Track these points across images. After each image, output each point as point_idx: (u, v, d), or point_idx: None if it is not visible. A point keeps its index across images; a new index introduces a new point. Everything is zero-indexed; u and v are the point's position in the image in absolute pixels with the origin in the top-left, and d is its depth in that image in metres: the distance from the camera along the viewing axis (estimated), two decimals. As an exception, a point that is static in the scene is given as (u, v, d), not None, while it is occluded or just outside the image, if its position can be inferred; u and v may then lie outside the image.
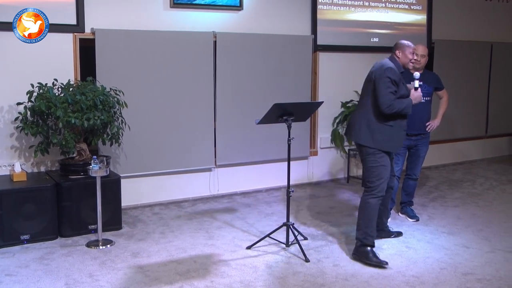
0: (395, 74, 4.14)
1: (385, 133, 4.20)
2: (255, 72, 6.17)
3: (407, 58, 4.28)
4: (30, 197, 4.52)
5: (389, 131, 4.20)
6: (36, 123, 4.77)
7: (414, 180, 5.35)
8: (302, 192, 6.39)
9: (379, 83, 4.15)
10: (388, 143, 4.22)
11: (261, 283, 3.79)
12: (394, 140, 4.24)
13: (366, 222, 4.21)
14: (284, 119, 4.31)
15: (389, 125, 4.20)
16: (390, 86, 4.12)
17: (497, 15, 8.27)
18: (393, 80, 4.12)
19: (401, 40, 4.37)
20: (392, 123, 4.20)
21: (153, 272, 3.98)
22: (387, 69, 4.15)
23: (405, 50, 4.27)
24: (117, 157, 5.49)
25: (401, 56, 4.29)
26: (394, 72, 4.15)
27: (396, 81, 4.14)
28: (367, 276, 3.92)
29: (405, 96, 4.23)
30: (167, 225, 5.10)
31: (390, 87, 4.11)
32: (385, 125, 4.19)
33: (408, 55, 4.27)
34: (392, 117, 4.17)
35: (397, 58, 4.29)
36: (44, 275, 3.90)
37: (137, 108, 5.46)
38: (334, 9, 6.73)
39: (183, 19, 5.76)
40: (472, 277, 3.90)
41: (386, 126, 4.19)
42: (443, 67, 7.40)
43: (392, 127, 4.20)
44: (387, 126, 4.19)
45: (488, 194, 6.34)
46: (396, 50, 4.31)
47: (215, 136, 6.03)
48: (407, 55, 4.27)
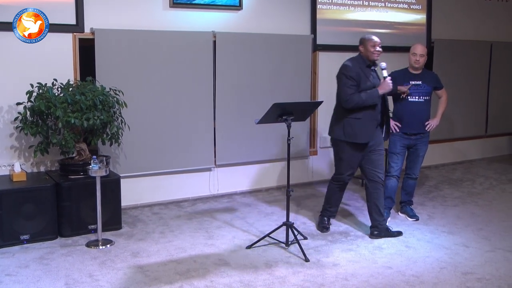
0: (350, 70, 4.50)
1: (354, 126, 4.54)
2: (255, 72, 6.17)
3: (369, 51, 4.56)
4: (30, 197, 4.52)
5: (357, 123, 4.53)
6: (35, 123, 4.76)
7: (414, 180, 5.35)
8: (302, 192, 6.39)
9: (338, 82, 4.61)
10: (357, 135, 4.55)
11: (260, 283, 3.79)
12: (363, 132, 4.55)
13: (326, 199, 4.96)
14: (283, 119, 4.32)
15: (357, 118, 4.52)
16: (346, 82, 4.49)
17: (496, 15, 8.27)
18: (348, 76, 4.49)
19: (364, 35, 4.68)
20: (360, 115, 4.52)
21: (153, 272, 3.98)
22: (341, 67, 4.59)
23: (366, 44, 4.58)
24: (116, 157, 5.49)
25: (363, 50, 4.60)
26: (349, 68, 4.52)
27: (352, 77, 4.48)
28: (367, 275, 3.93)
29: (369, 88, 4.51)
30: (167, 225, 5.10)
31: (345, 83, 4.49)
32: (354, 118, 4.53)
33: (369, 48, 4.55)
34: (360, 110, 4.49)
35: (361, 53, 4.62)
36: (44, 275, 3.90)
37: (137, 108, 5.45)
38: (333, 8, 6.73)
39: (183, 19, 5.75)
40: (472, 277, 3.90)
41: (355, 119, 4.53)
42: (442, 66, 7.40)
43: (360, 119, 4.52)
44: (356, 119, 4.53)
45: (488, 194, 6.34)
46: (360, 46, 4.64)
47: (214, 135, 6.02)
48: (368, 48, 4.56)
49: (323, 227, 4.89)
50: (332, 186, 4.89)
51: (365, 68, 4.58)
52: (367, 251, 4.41)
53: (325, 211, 4.98)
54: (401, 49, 6.98)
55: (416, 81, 5.11)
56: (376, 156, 4.68)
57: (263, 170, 6.44)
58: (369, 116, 4.54)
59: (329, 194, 4.93)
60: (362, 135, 4.56)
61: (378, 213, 4.72)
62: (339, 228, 5.01)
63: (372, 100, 4.49)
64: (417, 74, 5.14)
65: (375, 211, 4.73)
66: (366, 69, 4.59)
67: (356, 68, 4.53)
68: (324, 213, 4.98)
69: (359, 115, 4.52)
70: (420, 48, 5.10)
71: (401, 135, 5.16)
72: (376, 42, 4.58)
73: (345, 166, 4.71)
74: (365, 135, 4.57)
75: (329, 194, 4.94)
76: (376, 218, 4.73)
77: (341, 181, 4.81)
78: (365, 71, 4.57)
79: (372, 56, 4.57)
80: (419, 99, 5.09)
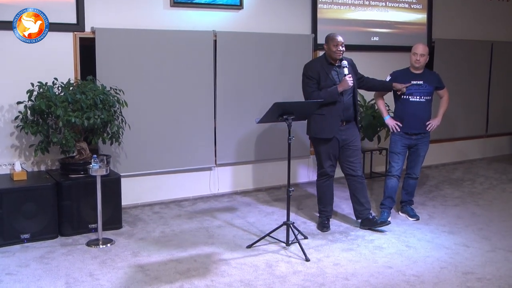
0: (308, 70, 4.72)
1: (318, 122, 4.76)
2: (255, 71, 6.16)
3: (330, 50, 4.69)
4: (31, 196, 4.52)
5: (321, 119, 4.73)
6: (36, 122, 4.76)
7: (414, 179, 5.34)
8: (302, 191, 6.39)
9: (302, 82, 4.81)
10: (321, 130, 4.77)
11: (261, 282, 3.79)
12: (326, 127, 4.74)
13: (318, 199, 5.03)
14: (284, 118, 4.31)
15: (321, 114, 4.71)
16: (306, 82, 4.73)
17: (497, 14, 8.27)
18: (307, 75, 4.71)
19: (329, 34, 4.79)
20: (324, 111, 4.69)
21: (153, 271, 3.98)
22: (303, 68, 4.79)
23: (328, 43, 4.70)
24: (117, 156, 5.49)
25: (326, 49, 4.74)
26: (308, 68, 4.74)
27: (311, 76, 4.69)
28: (368, 275, 3.92)
29: (329, 86, 4.68)
30: (167, 224, 5.10)
31: (306, 83, 4.73)
32: (318, 114, 4.72)
33: (331, 48, 4.68)
34: (322, 107, 4.64)
35: (325, 51, 4.76)
36: (44, 274, 3.90)
37: (137, 107, 5.45)
38: (334, 8, 6.73)
39: (183, 18, 5.75)
40: (473, 276, 3.90)
41: (319, 115, 4.72)
42: (443, 66, 7.39)
43: (324, 115, 4.71)
44: (319, 115, 4.72)
45: (489, 193, 6.34)
46: (324, 45, 4.77)
47: (215, 135, 6.02)
48: (330, 48, 4.69)
49: (323, 227, 4.93)
50: (319, 183, 4.99)
51: (327, 66, 4.73)
52: (367, 251, 4.41)
53: (321, 213, 5.03)
54: (401, 49, 6.98)
55: (418, 80, 5.10)
56: (349, 152, 4.88)
57: (263, 169, 6.44)
58: (332, 112, 4.70)
59: (319, 194, 5.02)
60: (326, 131, 4.75)
61: (358, 203, 4.97)
62: (340, 228, 5.01)
63: (331, 97, 4.64)
64: (418, 73, 5.13)
65: (355, 201, 4.99)
66: (328, 66, 4.74)
67: (317, 67, 4.73)
68: (321, 215, 5.03)
69: (322, 111, 4.69)
70: (420, 48, 5.09)
71: (402, 135, 5.16)
72: (339, 42, 4.68)
73: (323, 158, 4.86)
74: (328, 131, 4.74)
75: (319, 194, 5.02)
76: (356, 208, 5.00)
77: (325, 174, 4.91)
78: (326, 69, 4.72)
79: (334, 55, 4.69)
80: (420, 99, 5.09)
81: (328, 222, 4.98)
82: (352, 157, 4.90)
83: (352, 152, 4.89)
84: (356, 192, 4.97)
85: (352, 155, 4.89)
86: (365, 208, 4.96)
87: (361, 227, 4.97)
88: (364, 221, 4.97)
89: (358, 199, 4.97)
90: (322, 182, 4.97)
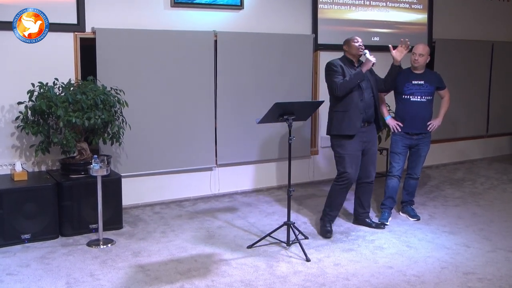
0: (333, 64, 4.71)
1: (340, 118, 4.71)
2: (256, 71, 6.16)
3: (352, 46, 4.76)
4: (31, 197, 4.52)
5: (342, 116, 4.69)
6: (36, 122, 4.76)
7: (415, 180, 5.34)
8: (303, 191, 6.39)
9: (326, 77, 4.77)
10: (343, 127, 4.69)
11: (261, 283, 3.79)
12: (349, 124, 4.67)
13: (327, 202, 4.89)
14: (284, 119, 4.31)
15: (344, 111, 4.69)
16: (332, 74, 4.68)
17: (498, 14, 8.26)
18: (333, 69, 4.69)
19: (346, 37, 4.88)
20: (346, 108, 4.68)
21: (154, 271, 3.98)
22: (326, 65, 4.80)
23: (349, 42, 4.80)
24: (117, 157, 5.49)
25: (348, 49, 4.80)
26: (332, 62, 4.74)
27: (336, 69, 4.69)
28: (368, 275, 3.92)
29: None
30: (168, 225, 5.10)
31: (332, 75, 4.67)
32: (340, 111, 4.71)
33: (352, 45, 4.77)
34: (346, 102, 4.66)
35: (346, 52, 4.82)
36: (45, 274, 3.90)
37: (138, 108, 5.45)
38: (334, 8, 6.72)
39: (184, 18, 5.75)
40: (473, 277, 3.90)
41: (342, 112, 4.70)
42: (444, 66, 7.39)
43: (347, 112, 4.68)
44: (341, 112, 4.70)
45: (489, 194, 6.34)
46: (344, 46, 4.85)
47: (216, 135, 6.02)
48: (351, 44, 4.77)
49: (326, 232, 4.76)
50: (335, 187, 4.79)
51: (349, 66, 4.76)
52: (368, 251, 4.41)
53: (325, 215, 4.87)
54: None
55: (419, 80, 5.10)
56: (368, 157, 4.86)
57: (264, 169, 6.44)
58: (354, 108, 4.66)
59: (332, 197, 4.84)
60: (349, 127, 4.67)
61: (361, 206, 5.03)
62: (340, 228, 5.00)
63: (357, 78, 4.63)
64: (419, 73, 5.13)
65: (358, 204, 5.05)
66: (350, 67, 4.76)
67: (340, 63, 4.75)
68: (324, 217, 4.88)
69: (345, 107, 4.68)
70: (419, 48, 5.08)
71: (403, 135, 5.15)
72: (359, 39, 4.79)
73: (347, 160, 4.69)
74: (352, 127, 4.67)
75: (331, 197, 4.84)
76: (358, 210, 5.06)
77: (346, 179, 4.69)
78: (349, 68, 4.75)
79: (356, 51, 4.75)
80: (421, 99, 5.09)
81: (331, 227, 4.84)
82: (370, 164, 4.88)
83: (370, 158, 4.87)
84: (362, 196, 4.99)
85: (370, 161, 4.87)
86: (366, 212, 5.06)
87: (354, 223, 5.11)
88: (360, 221, 5.05)
89: (362, 202, 5.01)
90: (340, 187, 4.74)
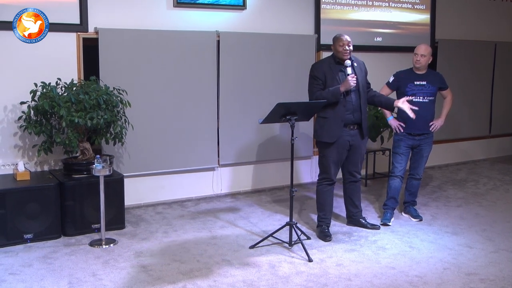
0: (315, 70, 4.66)
1: (322, 125, 4.69)
2: (259, 72, 6.16)
3: (337, 50, 4.62)
4: (34, 196, 4.53)
5: (323, 122, 4.67)
6: (39, 122, 4.77)
7: (418, 180, 5.34)
8: (305, 192, 6.39)
9: (309, 80, 4.73)
10: (324, 133, 4.68)
11: (264, 283, 3.79)
12: (328, 131, 4.65)
13: (319, 206, 4.85)
14: (287, 119, 4.31)
15: (324, 117, 4.66)
16: (311, 82, 4.68)
17: (500, 15, 8.25)
18: (313, 76, 4.66)
19: (336, 34, 4.72)
20: (327, 115, 4.64)
21: (156, 271, 3.98)
22: (310, 68, 4.74)
23: (335, 43, 4.65)
24: (120, 157, 5.50)
25: (333, 49, 4.69)
26: (314, 68, 4.69)
27: (316, 76, 4.63)
28: (370, 276, 3.92)
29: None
30: (170, 225, 5.10)
31: (311, 83, 4.68)
32: (322, 117, 4.70)
33: (337, 48, 4.62)
34: (326, 109, 4.61)
35: (333, 51, 4.70)
36: (48, 274, 3.90)
37: (141, 108, 5.46)
38: (337, 8, 6.72)
39: (187, 19, 5.76)
40: (476, 277, 3.89)
41: (323, 118, 4.69)
42: (446, 66, 7.38)
43: (327, 118, 4.65)
44: (323, 118, 4.68)
45: (492, 194, 6.32)
46: (331, 45, 4.71)
47: (218, 135, 6.02)
48: (336, 48, 4.63)
49: (326, 236, 4.70)
50: (320, 189, 4.81)
51: (334, 66, 4.65)
52: (370, 251, 4.41)
53: (321, 221, 4.82)
54: (405, 49, 6.98)
55: (421, 81, 5.09)
56: (355, 156, 4.83)
57: (266, 170, 6.44)
58: (334, 115, 4.61)
59: (321, 200, 4.82)
60: (329, 134, 4.65)
61: (353, 205, 5.03)
62: (342, 229, 5.00)
63: (333, 97, 4.53)
64: (421, 74, 5.12)
65: (350, 203, 5.03)
66: (336, 67, 4.65)
67: (324, 67, 4.65)
68: (321, 223, 4.82)
69: (325, 114, 4.65)
70: (421, 48, 5.07)
71: (405, 135, 5.15)
72: (345, 42, 4.61)
73: (329, 163, 4.72)
74: (331, 134, 4.64)
75: (320, 200, 4.83)
76: (351, 210, 5.05)
77: (329, 180, 4.77)
78: (334, 70, 4.64)
79: (340, 55, 4.61)
80: (423, 100, 5.08)
81: (329, 230, 4.79)
82: (357, 163, 4.88)
83: (357, 158, 4.85)
84: (353, 195, 5.00)
85: (357, 161, 4.87)
86: (359, 210, 5.07)
87: (348, 224, 5.09)
88: (355, 222, 5.05)
89: (353, 201, 5.02)
90: (324, 188, 4.80)
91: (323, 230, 4.77)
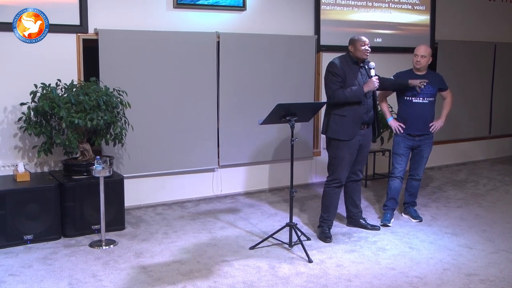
0: (335, 68, 4.58)
1: (338, 122, 4.62)
2: (258, 73, 6.16)
3: (359, 50, 4.62)
4: (34, 197, 4.53)
5: (341, 120, 4.61)
6: (39, 123, 4.77)
7: (417, 181, 5.34)
8: (305, 193, 6.39)
9: (325, 77, 4.69)
10: (339, 132, 4.62)
11: (264, 284, 3.79)
12: (345, 130, 4.61)
13: (324, 208, 4.80)
14: (287, 120, 4.32)
15: (342, 115, 4.61)
16: (331, 79, 4.58)
17: (500, 15, 8.25)
18: (333, 73, 4.57)
19: (354, 36, 4.72)
20: (345, 113, 4.60)
21: (156, 272, 3.98)
22: (328, 65, 4.66)
23: (356, 44, 4.64)
24: (120, 158, 5.50)
25: (353, 50, 4.65)
26: (335, 65, 4.59)
27: (337, 73, 4.56)
28: (370, 276, 3.92)
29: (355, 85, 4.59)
30: (170, 226, 5.10)
31: (331, 80, 4.58)
32: (338, 115, 4.62)
33: (358, 47, 4.62)
34: (344, 107, 4.57)
35: (350, 52, 4.67)
36: (48, 275, 3.90)
37: (141, 109, 5.46)
38: (337, 9, 6.72)
39: (187, 20, 5.76)
40: (476, 278, 3.89)
41: (340, 116, 4.62)
42: (446, 67, 7.38)
43: (345, 117, 4.60)
44: (340, 116, 4.61)
45: (492, 195, 6.32)
46: (349, 46, 4.69)
47: (218, 136, 6.03)
48: (357, 47, 4.62)
49: (326, 237, 4.69)
50: (328, 190, 4.77)
51: (352, 66, 4.66)
52: (370, 252, 4.41)
53: (323, 221, 4.80)
54: (404, 50, 6.98)
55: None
56: (361, 157, 4.83)
57: (266, 170, 6.44)
58: (353, 114, 4.60)
59: (327, 202, 4.78)
60: (345, 133, 4.62)
61: (354, 205, 5.01)
62: (342, 229, 5.00)
63: (355, 97, 4.54)
64: (421, 75, 5.12)
65: (351, 203, 5.02)
66: (354, 66, 4.67)
67: (343, 65, 4.62)
68: (323, 224, 4.80)
69: (344, 112, 4.60)
70: (421, 49, 5.08)
71: (405, 136, 5.15)
72: (366, 42, 4.66)
73: (340, 164, 4.67)
74: (347, 133, 4.62)
75: (326, 201, 4.79)
76: (352, 210, 5.03)
77: (338, 182, 4.72)
78: (352, 69, 4.65)
79: (361, 55, 4.63)
80: (423, 100, 5.08)
81: (330, 231, 4.78)
82: (362, 162, 4.89)
83: (363, 156, 4.87)
84: (354, 195, 5.00)
85: (362, 160, 4.89)
86: (359, 211, 5.07)
87: (348, 225, 5.08)
88: (355, 222, 5.04)
89: (355, 201, 5.02)
90: (332, 190, 4.75)
91: (324, 231, 4.76)
